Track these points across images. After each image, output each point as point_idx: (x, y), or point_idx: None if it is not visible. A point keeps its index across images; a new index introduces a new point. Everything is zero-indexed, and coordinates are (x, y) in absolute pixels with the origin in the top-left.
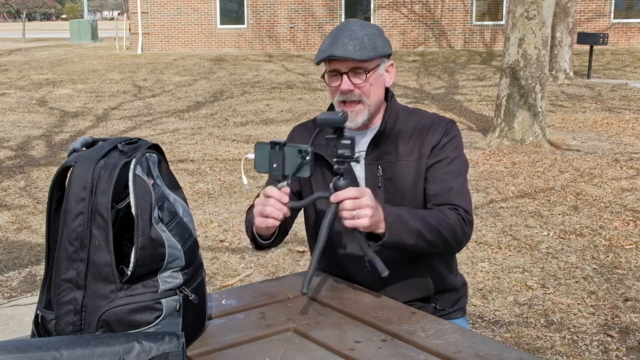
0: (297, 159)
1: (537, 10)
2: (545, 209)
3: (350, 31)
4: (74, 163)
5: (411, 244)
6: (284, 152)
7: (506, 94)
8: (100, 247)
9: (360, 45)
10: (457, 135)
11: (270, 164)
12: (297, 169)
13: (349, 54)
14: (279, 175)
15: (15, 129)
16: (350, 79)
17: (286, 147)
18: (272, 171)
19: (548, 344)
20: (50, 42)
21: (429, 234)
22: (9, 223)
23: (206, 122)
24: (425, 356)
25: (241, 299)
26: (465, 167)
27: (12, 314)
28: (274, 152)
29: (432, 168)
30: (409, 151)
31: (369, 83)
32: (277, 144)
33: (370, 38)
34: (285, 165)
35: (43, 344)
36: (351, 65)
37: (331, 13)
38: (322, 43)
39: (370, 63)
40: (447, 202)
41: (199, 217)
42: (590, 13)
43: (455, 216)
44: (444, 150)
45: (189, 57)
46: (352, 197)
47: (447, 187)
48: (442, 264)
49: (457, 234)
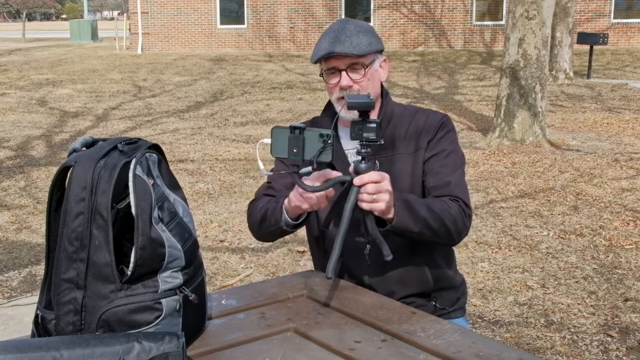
0: (319, 143)
1: (537, 10)
2: (545, 209)
3: (344, 29)
4: (74, 163)
5: (416, 231)
6: (304, 137)
7: (506, 94)
8: (100, 247)
9: (357, 42)
10: (452, 130)
11: (290, 148)
12: (319, 153)
13: (347, 50)
14: (299, 160)
15: (15, 129)
16: (349, 74)
17: (306, 131)
18: (291, 156)
19: (548, 344)
20: (50, 42)
21: (434, 222)
22: (9, 223)
23: (206, 122)
24: (425, 356)
25: (241, 299)
26: (462, 160)
27: (12, 314)
28: (293, 136)
29: (429, 161)
30: (405, 145)
31: (367, 78)
32: (297, 128)
33: (365, 34)
34: (306, 150)
35: (43, 344)
36: (349, 62)
37: (331, 13)
38: (318, 42)
39: (367, 58)
40: (448, 193)
41: (199, 217)
42: (590, 13)
43: (457, 207)
44: (440, 144)
45: (189, 57)
46: (374, 181)
47: (446, 180)
48: (441, 258)
49: (458, 225)
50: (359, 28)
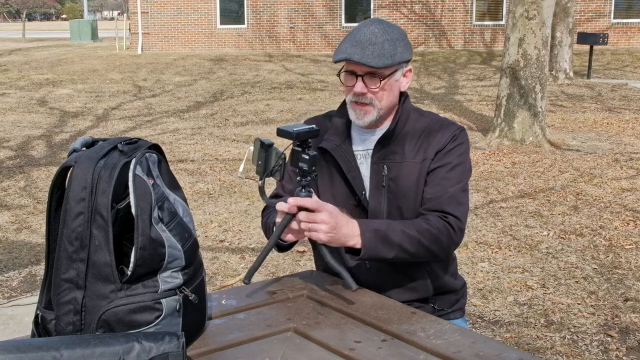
0: (274, 162)
1: (537, 10)
2: (545, 209)
3: (372, 34)
4: (74, 163)
5: (390, 258)
6: (268, 153)
7: (506, 94)
8: (100, 247)
9: (379, 52)
10: (464, 142)
11: (257, 160)
12: (271, 170)
13: (366, 59)
14: (261, 173)
15: (15, 129)
16: (364, 82)
17: (270, 148)
18: (257, 167)
19: (548, 344)
20: (50, 42)
21: (410, 246)
22: (9, 223)
23: (206, 122)
24: (425, 356)
25: (241, 299)
26: (468, 174)
27: (12, 314)
28: (261, 150)
29: (433, 172)
30: (414, 153)
31: (383, 89)
32: (264, 143)
33: (391, 44)
34: (268, 165)
35: (43, 344)
36: (367, 70)
37: (331, 13)
38: (343, 41)
39: (386, 70)
40: (438, 208)
41: (199, 217)
42: (590, 13)
43: (442, 224)
44: (447, 156)
45: (189, 57)
46: (310, 209)
47: (442, 193)
48: (442, 267)
49: (441, 243)
50: (386, 35)
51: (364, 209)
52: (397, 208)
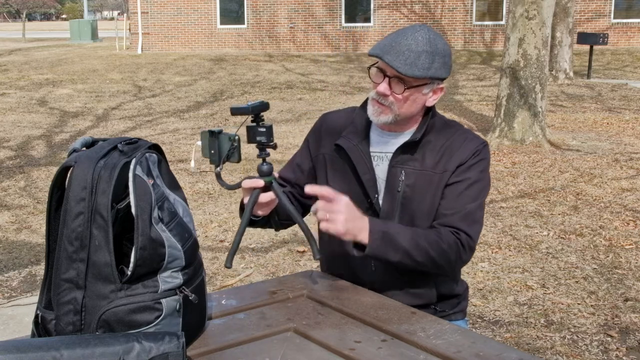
0: (228, 146)
1: (537, 10)
2: (545, 209)
3: (414, 40)
4: (74, 163)
5: (395, 261)
6: (219, 140)
7: (506, 94)
8: (100, 247)
9: (413, 60)
10: (486, 158)
11: (209, 150)
12: (227, 155)
13: (397, 64)
14: (216, 161)
15: (15, 129)
16: (390, 84)
17: (221, 135)
18: (210, 157)
19: (548, 344)
20: (50, 42)
21: (417, 254)
22: (9, 223)
23: (206, 122)
24: (425, 356)
25: (241, 299)
26: (486, 191)
27: (12, 314)
28: (212, 139)
29: (451, 186)
30: (435, 163)
31: (406, 98)
32: (213, 132)
33: (429, 56)
34: (221, 152)
35: (43, 344)
36: (396, 74)
37: (331, 13)
38: (386, 37)
39: (415, 80)
40: (451, 224)
41: (199, 217)
42: (590, 13)
43: (454, 240)
44: (468, 171)
45: (189, 57)
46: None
47: (457, 209)
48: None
49: (449, 258)
50: (427, 46)
51: (375, 212)
52: (409, 215)
